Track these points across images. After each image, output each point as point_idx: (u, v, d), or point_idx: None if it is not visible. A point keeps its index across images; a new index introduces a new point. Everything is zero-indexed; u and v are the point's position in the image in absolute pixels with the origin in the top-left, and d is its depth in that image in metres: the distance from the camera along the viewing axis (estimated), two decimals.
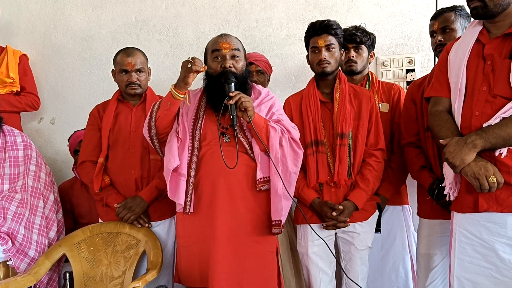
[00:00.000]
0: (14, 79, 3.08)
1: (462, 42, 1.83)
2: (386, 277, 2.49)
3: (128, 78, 2.42)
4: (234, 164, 1.93)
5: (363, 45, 2.53)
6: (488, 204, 1.68)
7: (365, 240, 2.25)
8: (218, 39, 2.09)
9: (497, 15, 1.72)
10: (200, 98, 2.16)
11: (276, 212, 2.01)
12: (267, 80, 2.81)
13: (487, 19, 1.75)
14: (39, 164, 2.52)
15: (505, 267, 1.66)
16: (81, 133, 2.87)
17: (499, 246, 1.66)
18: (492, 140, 1.63)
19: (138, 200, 2.33)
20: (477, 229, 1.71)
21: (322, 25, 2.25)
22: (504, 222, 1.66)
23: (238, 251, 1.99)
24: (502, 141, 1.62)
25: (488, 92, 1.70)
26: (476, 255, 1.72)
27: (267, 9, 3.18)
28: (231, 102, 1.93)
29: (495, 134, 1.62)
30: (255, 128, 1.96)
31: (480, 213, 1.70)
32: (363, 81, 2.59)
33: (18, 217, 2.32)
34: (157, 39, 3.26)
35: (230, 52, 2.05)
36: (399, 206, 2.50)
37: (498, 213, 1.67)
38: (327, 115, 2.27)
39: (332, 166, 2.21)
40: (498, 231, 1.67)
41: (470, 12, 1.77)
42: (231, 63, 2.05)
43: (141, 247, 2.31)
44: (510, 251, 1.65)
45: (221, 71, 2.03)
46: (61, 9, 3.35)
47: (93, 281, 2.29)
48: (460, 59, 1.78)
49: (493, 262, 1.68)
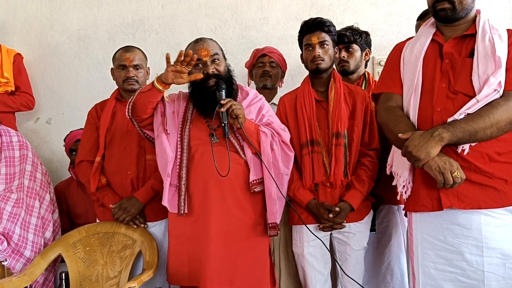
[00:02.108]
0: (9, 78, 3.07)
1: (417, 41, 1.85)
2: (381, 277, 2.49)
3: (126, 74, 2.42)
4: (226, 169, 1.94)
5: (355, 44, 2.52)
6: (450, 201, 1.68)
7: (360, 240, 2.25)
8: (195, 47, 2.08)
9: (460, 19, 1.77)
10: (188, 101, 2.16)
11: (273, 215, 2.03)
12: (281, 75, 2.81)
13: (451, 22, 1.78)
14: (35, 164, 2.52)
15: (472, 269, 1.66)
16: (77, 133, 2.87)
17: (465, 248, 1.67)
18: (459, 134, 1.64)
19: (134, 201, 2.32)
20: (441, 232, 1.72)
21: (315, 22, 2.25)
22: (469, 223, 1.67)
23: (230, 249, 1.99)
24: (468, 135, 1.64)
25: (447, 89, 1.74)
26: (439, 260, 1.72)
27: (264, 9, 3.19)
28: (222, 110, 1.94)
29: (462, 128, 1.64)
30: (246, 134, 1.98)
31: (443, 216, 1.71)
32: (360, 81, 2.58)
33: (13, 217, 2.31)
34: (154, 39, 3.26)
35: (209, 58, 2.06)
36: (395, 206, 2.50)
37: (461, 214, 1.68)
38: (322, 114, 2.27)
39: (328, 166, 2.20)
40: (463, 232, 1.68)
41: (436, 14, 1.79)
42: (213, 67, 2.06)
43: (137, 247, 2.31)
44: (476, 252, 1.66)
45: (204, 76, 2.03)
46: (57, 8, 3.35)
47: (89, 281, 2.28)
48: (415, 57, 1.81)
49: (459, 266, 1.69)
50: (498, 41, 1.70)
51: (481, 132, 1.63)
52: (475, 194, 1.67)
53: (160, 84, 1.99)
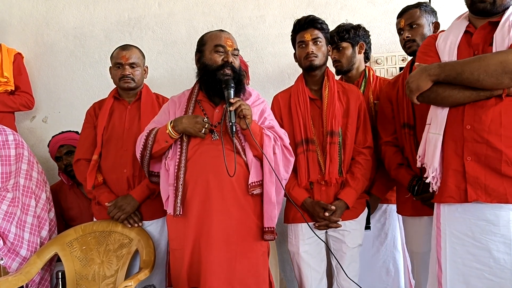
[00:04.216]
0: (8, 78, 3.06)
1: (450, 33, 1.84)
2: (377, 275, 2.49)
3: (122, 72, 2.42)
4: (232, 171, 1.93)
5: (343, 42, 2.50)
6: (477, 194, 1.66)
7: (355, 237, 2.25)
8: (221, 34, 2.09)
9: (497, 14, 1.73)
10: (188, 99, 2.15)
11: (270, 220, 2.02)
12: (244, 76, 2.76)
13: (488, 15, 1.75)
14: (31, 163, 2.51)
15: (499, 267, 1.63)
16: (59, 138, 2.90)
17: (493, 246, 1.64)
18: (447, 71, 1.67)
19: (129, 199, 2.32)
20: (469, 228, 1.69)
21: (308, 19, 2.25)
22: (497, 219, 1.63)
23: (230, 252, 1.98)
24: (455, 73, 1.66)
25: None
26: (468, 256, 1.69)
27: (261, 7, 3.18)
28: (231, 109, 1.92)
29: (451, 66, 1.68)
30: (252, 135, 1.96)
31: (471, 211, 1.68)
32: (360, 79, 2.56)
33: (9, 216, 2.31)
34: (150, 37, 3.25)
35: (232, 50, 2.07)
36: (393, 204, 2.49)
37: (489, 210, 1.64)
38: (316, 113, 2.27)
39: (322, 164, 2.20)
40: (491, 229, 1.64)
41: (474, 5, 1.75)
42: (233, 59, 2.06)
43: (133, 246, 2.31)
44: (504, 250, 1.62)
45: (222, 63, 2.04)
46: (53, 6, 3.33)
47: (85, 280, 2.28)
48: (450, 46, 1.80)
49: (486, 263, 1.65)
50: None
51: (467, 72, 1.63)
52: (503, 187, 1.63)
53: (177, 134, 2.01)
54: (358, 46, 2.54)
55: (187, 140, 2.04)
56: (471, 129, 1.67)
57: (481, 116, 1.66)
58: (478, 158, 1.66)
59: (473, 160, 1.67)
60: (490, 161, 1.64)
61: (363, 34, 2.58)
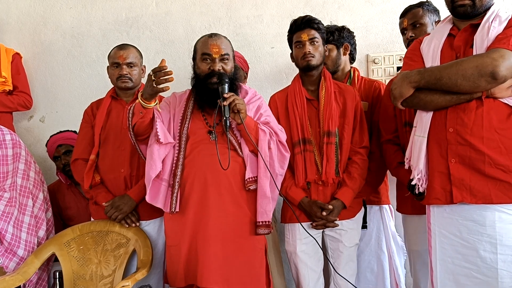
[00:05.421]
0: (7, 78, 3.06)
1: (434, 36, 1.86)
2: (362, 275, 2.50)
3: (119, 71, 2.42)
4: (226, 164, 1.93)
5: (328, 44, 2.47)
6: (462, 195, 1.69)
7: (352, 237, 2.26)
8: (208, 41, 2.06)
9: (479, 15, 1.76)
10: (188, 99, 2.15)
11: (264, 214, 2.03)
12: (244, 76, 2.76)
13: (469, 18, 1.78)
14: (28, 163, 2.51)
15: (486, 266, 1.67)
16: (57, 137, 2.89)
17: (479, 245, 1.67)
18: (426, 78, 1.71)
19: (126, 199, 2.32)
20: (457, 228, 1.72)
21: (305, 20, 2.26)
22: (483, 219, 1.67)
23: (227, 248, 1.99)
24: (434, 79, 1.69)
25: None
26: (456, 255, 1.73)
27: (258, 6, 3.18)
28: (225, 104, 1.92)
29: (431, 72, 1.71)
30: (247, 130, 1.96)
31: (458, 211, 1.71)
32: (345, 80, 2.56)
33: (6, 216, 2.31)
34: (148, 36, 3.25)
35: (219, 56, 2.05)
36: (377, 205, 2.51)
37: (476, 210, 1.68)
38: (313, 113, 2.28)
39: (320, 164, 2.21)
40: (477, 229, 1.68)
41: (455, 10, 1.78)
42: (220, 65, 2.04)
43: (131, 246, 2.31)
44: (490, 249, 1.66)
45: (208, 72, 2.04)
46: (50, 6, 3.33)
47: (83, 280, 2.28)
48: (433, 50, 1.82)
49: (473, 262, 1.69)
50: (495, 26, 1.70)
51: (445, 77, 1.67)
52: (488, 188, 1.66)
53: (148, 102, 1.95)
54: (343, 47, 2.56)
55: (185, 139, 2.04)
56: (454, 132, 1.71)
57: (463, 119, 1.70)
58: (462, 160, 1.69)
59: (457, 162, 1.70)
60: (474, 163, 1.67)
61: (347, 35, 2.59)
